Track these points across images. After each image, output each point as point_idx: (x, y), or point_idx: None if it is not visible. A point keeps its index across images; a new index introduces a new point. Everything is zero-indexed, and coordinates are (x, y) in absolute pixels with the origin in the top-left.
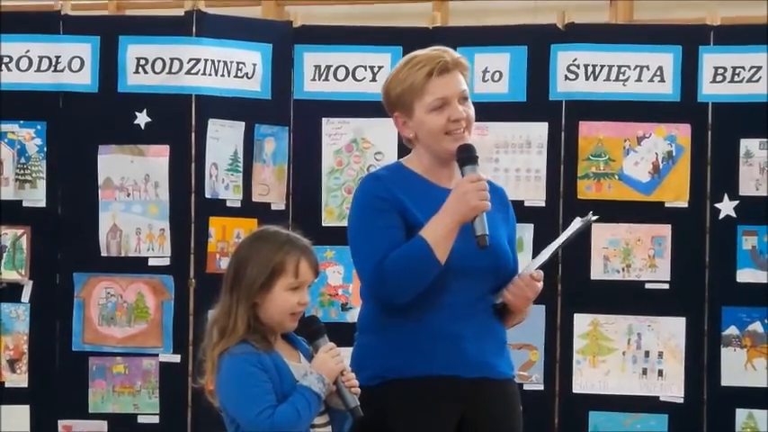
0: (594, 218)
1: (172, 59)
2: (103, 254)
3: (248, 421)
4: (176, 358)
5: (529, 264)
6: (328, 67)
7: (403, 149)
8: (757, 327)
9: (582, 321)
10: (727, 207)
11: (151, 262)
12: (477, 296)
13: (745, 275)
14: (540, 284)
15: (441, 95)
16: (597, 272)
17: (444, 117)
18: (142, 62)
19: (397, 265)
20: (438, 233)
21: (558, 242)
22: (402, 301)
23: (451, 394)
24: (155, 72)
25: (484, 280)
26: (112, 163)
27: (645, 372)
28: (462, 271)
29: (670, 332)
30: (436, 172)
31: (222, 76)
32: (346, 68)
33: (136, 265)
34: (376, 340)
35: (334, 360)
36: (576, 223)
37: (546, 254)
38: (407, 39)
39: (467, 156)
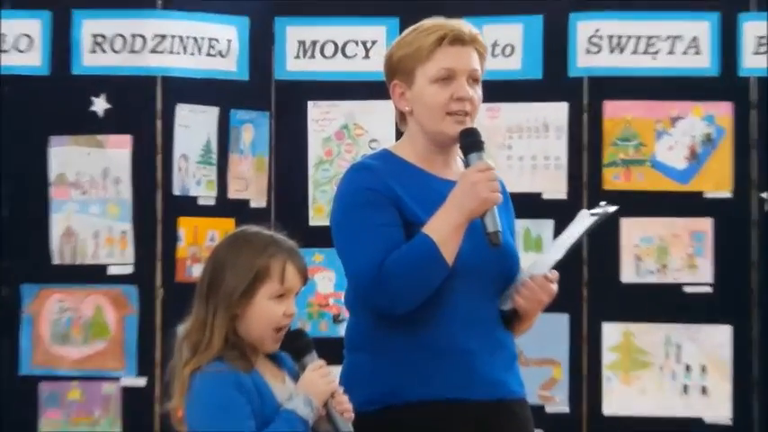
0: (613, 208)
1: (134, 36)
2: (56, 261)
3: None
4: (141, 382)
5: (535, 262)
6: (314, 42)
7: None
8: None
9: (612, 331)
10: None
11: (111, 270)
12: (485, 302)
13: None
14: (556, 286)
15: (448, 66)
16: (628, 274)
17: (448, 92)
18: (99, 40)
19: (400, 268)
20: (445, 230)
21: (569, 239)
22: (402, 310)
23: (461, 420)
24: (114, 51)
25: (492, 283)
26: (66, 156)
27: (686, 389)
28: (470, 274)
29: (714, 343)
30: (431, 159)
31: (192, 54)
32: (335, 44)
33: (93, 275)
34: (370, 358)
35: (324, 380)
36: (585, 217)
37: (558, 252)
38: (406, 9)
39: (472, 141)
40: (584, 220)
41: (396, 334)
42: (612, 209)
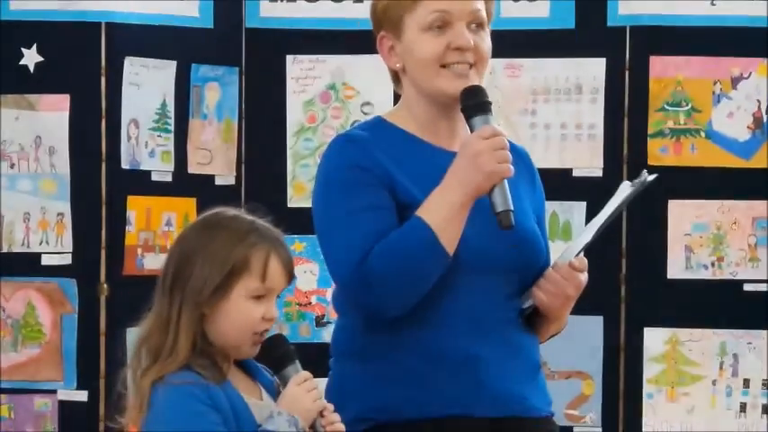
0: (651, 177)
1: None
2: None
3: None
4: (82, 395)
5: (566, 248)
6: None
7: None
8: None
9: (655, 338)
10: None
11: (45, 260)
12: (497, 301)
13: None
14: (585, 276)
15: (441, 8)
16: (677, 268)
17: (443, 42)
18: None
19: (389, 259)
20: (443, 212)
21: (603, 217)
22: (395, 312)
23: None
24: None
25: (507, 278)
26: None
27: (743, 408)
28: (477, 265)
29: None
30: (432, 127)
31: None
32: None
33: (24, 265)
34: (359, 368)
35: (310, 395)
36: (626, 189)
37: (588, 234)
38: None
39: (475, 102)
40: (621, 194)
41: (389, 339)
42: (651, 178)
